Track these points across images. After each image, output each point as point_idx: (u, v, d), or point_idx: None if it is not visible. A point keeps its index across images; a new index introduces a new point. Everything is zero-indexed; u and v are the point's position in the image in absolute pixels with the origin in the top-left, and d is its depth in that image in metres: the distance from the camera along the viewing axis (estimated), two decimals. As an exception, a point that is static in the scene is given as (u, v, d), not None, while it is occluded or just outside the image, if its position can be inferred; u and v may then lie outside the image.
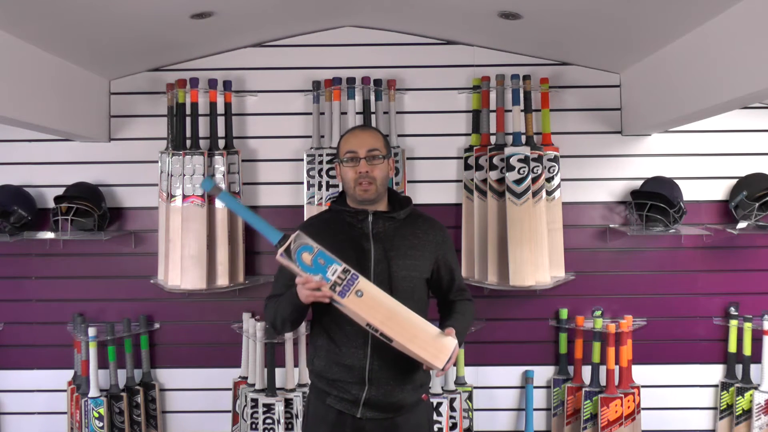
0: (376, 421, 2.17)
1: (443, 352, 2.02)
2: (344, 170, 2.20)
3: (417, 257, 2.20)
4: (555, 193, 3.47)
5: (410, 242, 2.21)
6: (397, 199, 2.29)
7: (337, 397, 2.18)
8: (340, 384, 2.17)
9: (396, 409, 2.18)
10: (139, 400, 3.51)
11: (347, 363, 2.15)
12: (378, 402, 2.15)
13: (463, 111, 3.59)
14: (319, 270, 1.98)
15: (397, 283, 2.14)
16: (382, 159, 2.19)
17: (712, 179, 3.58)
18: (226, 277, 3.39)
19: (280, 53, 3.60)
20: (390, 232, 2.20)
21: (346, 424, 2.17)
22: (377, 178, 2.17)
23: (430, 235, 2.25)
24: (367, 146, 2.18)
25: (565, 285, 3.50)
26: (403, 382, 2.17)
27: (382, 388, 2.15)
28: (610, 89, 3.59)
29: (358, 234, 2.19)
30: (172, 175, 3.39)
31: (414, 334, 2.00)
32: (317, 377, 2.24)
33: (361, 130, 2.31)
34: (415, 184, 3.57)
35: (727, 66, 2.49)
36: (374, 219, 2.19)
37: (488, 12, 2.98)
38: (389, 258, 2.16)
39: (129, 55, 3.37)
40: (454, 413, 3.37)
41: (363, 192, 2.17)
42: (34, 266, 3.62)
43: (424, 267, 2.22)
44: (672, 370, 3.59)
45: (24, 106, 2.82)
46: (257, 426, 3.31)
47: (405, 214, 2.23)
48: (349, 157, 2.18)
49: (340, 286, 1.98)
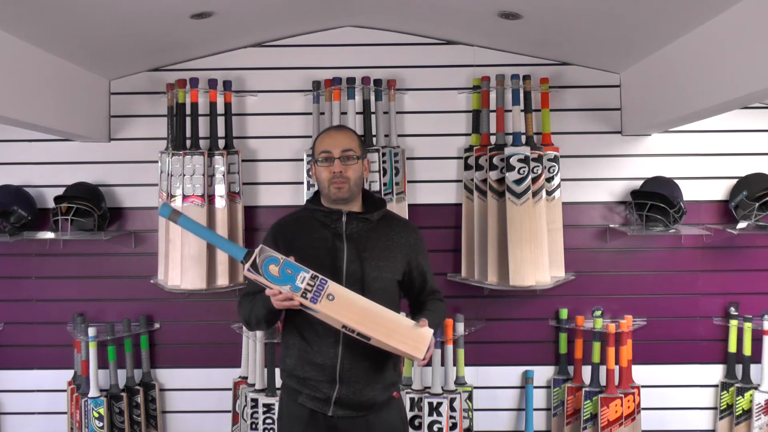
0: (348, 419, 2.19)
1: (422, 342, 2.04)
2: (319, 170, 2.23)
3: (389, 259, 2.23)
4: (555, 193, 3.47)
5: (383, 244, 2.23)
6: (372, 200, 2.32)
7: (309, 396, 2.19)
8: (311, 382, 2.18)
9: (367, 407, 2.20)
10: (139, 400, 3.51)
11: (318, 362, 2.17)
12: (349, 400, 2.17)
13: (463, 111, 3.59)
14: (288, 280, 2.01)
15: (369, 284, 2.16)
16: (356, 159, 2.21)
17: (712, 179, 3.58)
18: (226, 277, 3.39)
19: (280, 53, 3.60)
20: (363, 233, 2.22)
21: (319, 422, 2.19)
22: (351, 177, 2.20)
23: (403, 237, 2.27)
24: (342, 146, 2.21)
25: (565, 285, 3.50)
26: (373, 380, 2.19)
27: (353, 387, 2.17)
28: (610, 89, 3.59)
29: (332, 234, 2.21)
30: (172, 175, 3.39)
31: (391, 329, 2.03)
32: (288, 376, 2.26)
33: (336, 131, 2.32)
34: (415, 184, 3.57)
35: (727, 66, 2.49)
36: (348, 219, 2.21)
37: (488, 12, 2.98)
38: (362, 259, 2.18)
39: (129, 55, 3.37)
40: (454, 413, 3.37)
41: (337, 191, 2.19)
42: (34, 266, 3.62)
43: (396, 268, 2.24)
44: (672, 370, 3.59)
45: (24, 106, 2.82)
46: (257, 426, 3.31)
47: (379, 215, 2.26)
48: (324, 157, 2.21)
49: (311, 293, 2.01)
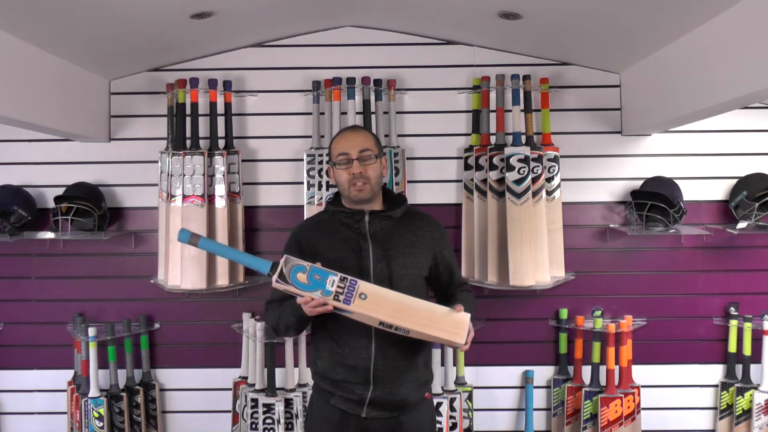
0: (381, 420, 2.17)
1: (461, 327, 2.04)
2: (338, 172, 2.21)
3: (415, 255, 2.21)
4: (555, 193, 3.46)
5: (408, 240, 2.22)
6: (392, 197, 2.31)
7: (342, 398, 2.18)
8: (345, 384, 2.17)
9: (400, 407, 2.18)
10: (139, 400, 3.51)
11: (351, 363, 2.15)
12: (383, 401, 2.16)
13: (463, 111, 3.59)
14: (318, 285, 2.01)
15: (397, 281, 2.15)
16: (374, 159, 2.20)
17: (712, 179, 3.58)
18: (226, 277, 3.39)
19: (280, 53, 3.60)
20: (387, 231, 2.20)
21: (351, 423, 2.18)
22: (371, 177, 2.19)
23: (426, 232, 2.26)
24: (359, 147, 2.19)
25: (565, 285, 3.50)
26: (407, 379, 2.18)
27: (387, 387, 2.15)
28: (610, 89, 3.59)
29: (356, 234, 2.19)
30: (172, 175, 3.38)
31: (429, 319, 2.02)
32: (321, 378, 2.24)
33: (351, 132, 2.31)
34: (415, 184, 3.57)
35: (727, 66, 2.49)
36: (371, 218, 2.20)
37: (488, 12, 2.98)
38: (388, 257, 2.17)
39: (129, 55, 3.37)
40: (454, 413, 3.37)
41: (358, 192, 2.18)
42: (34, 266, 3.62)
43: (422, 264, 2.24)
44: (672, 370, 3.59)
45: (24, 106, 2.82)
46: (257, 426, 3.31)
47: (401, 212, 2.24)
48: (342, 159, 2.19)
49: (343, 295, 2.00)
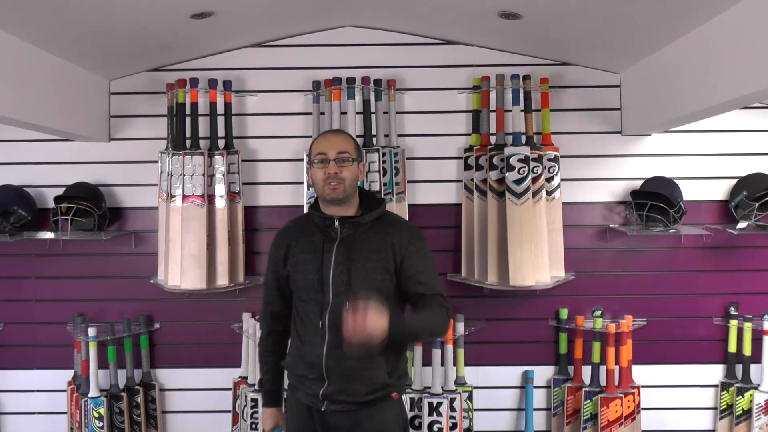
0: (340, 414, 2.25)
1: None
2: (314, 171, 2.27)
3: (377, 259, 2.24)
4: (555, 193, 3.46)
5: (373, 245, 2.25)
6: (369, 201, 2.34)
7: (303, 392, 2.29)
8: (304, 379, 2.28)
9: (356, 403, 2.24)
10: (139, 400, 3.51)
11: (308, 359, 2.26)
12: (336, 397, 2.23)
13: (463, 111, 3.59)
14: None
15: (354, 284, 2.20)
16: (351, 162, 2.25)
17: (712, 179, 3.58)
18: (226, 277, 3.39)
19: (280, 53, 3.60)
20: (356, 236, 2.26)
21: (314, 417, 2.28)
22: (346, 178, 2.23)
23: (395, 237, 2.28)
24: (338, 149, 2.25)
25: (565, 285, 3.50)
26: (358, 377, 2.22)
27: (338, 384, 2.22)
28: (610, 89, 3.58)
29: (325, 238, 2.27)
30: (172, 175, 3.38)
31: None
32: (288, 373, 2.40)
33: (332, 134, 2.39)
34: (415, 184, 3.57)
35: (727, 66, 2.49)
36: (341, 224, 2.25)
37: (488, 12, 2.98)
38: (349, 261, 2.23)
39: (129, 55, 3.37)
40: (454, 413, 3.37)
41: (332, 191, 2.23)
42: (34, 266, 3.62)
43: (384, 269, 2.24)
44: (672, 370, 3.59)
45: (24, 106, 2.82)
46: (257, 426, 3.31)
47: (371, 218, 2.27)
48: (320, 159, 2.25)
49: None
